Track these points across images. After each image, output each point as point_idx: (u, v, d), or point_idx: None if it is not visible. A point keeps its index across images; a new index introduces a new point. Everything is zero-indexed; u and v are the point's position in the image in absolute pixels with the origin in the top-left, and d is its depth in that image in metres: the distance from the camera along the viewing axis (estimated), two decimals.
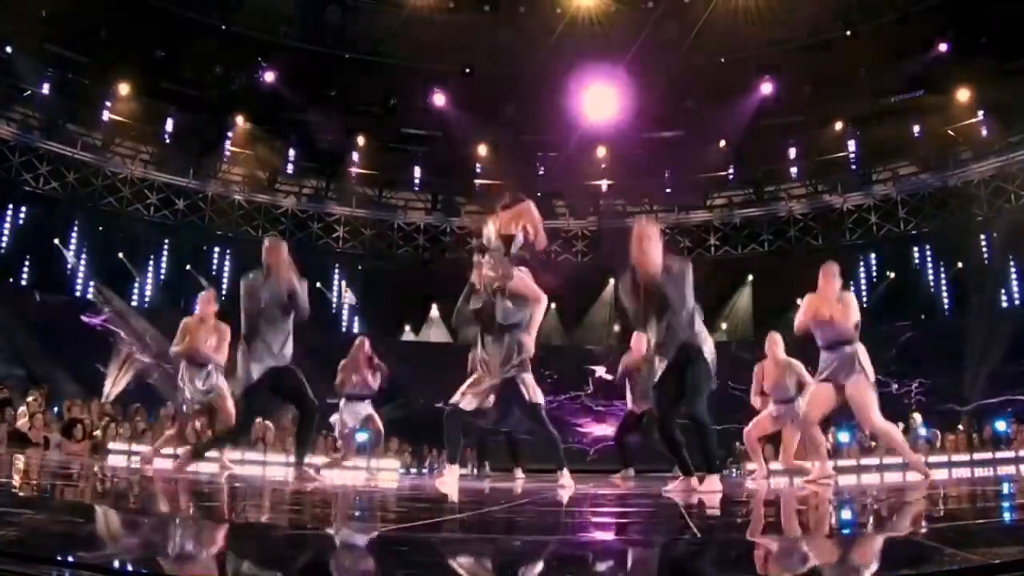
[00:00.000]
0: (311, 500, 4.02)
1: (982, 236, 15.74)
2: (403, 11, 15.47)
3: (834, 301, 5.62)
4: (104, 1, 14.32)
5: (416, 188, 18.33)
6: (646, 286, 4.82)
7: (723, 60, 15.58)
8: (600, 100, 16.24)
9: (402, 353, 14.46)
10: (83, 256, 16.05)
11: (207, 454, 6.75)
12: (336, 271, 18.32)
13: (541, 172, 18.07)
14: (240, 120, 16.38)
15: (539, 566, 1.95)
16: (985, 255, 15.79)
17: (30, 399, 11.70)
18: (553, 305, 14.63)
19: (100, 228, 16.12)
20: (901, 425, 14.14)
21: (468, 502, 4.22)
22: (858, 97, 15.75)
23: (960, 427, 13.46)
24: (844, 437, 13.40)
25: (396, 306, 17.74)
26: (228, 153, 16.99)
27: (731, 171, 17.61)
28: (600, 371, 16.53)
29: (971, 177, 15.44)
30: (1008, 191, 14.98)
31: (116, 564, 1.66)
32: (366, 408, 8.90)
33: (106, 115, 15.78)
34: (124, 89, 15.46)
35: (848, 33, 15.03)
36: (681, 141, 17.22)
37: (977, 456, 12.27)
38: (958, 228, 15.62)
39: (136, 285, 16.45)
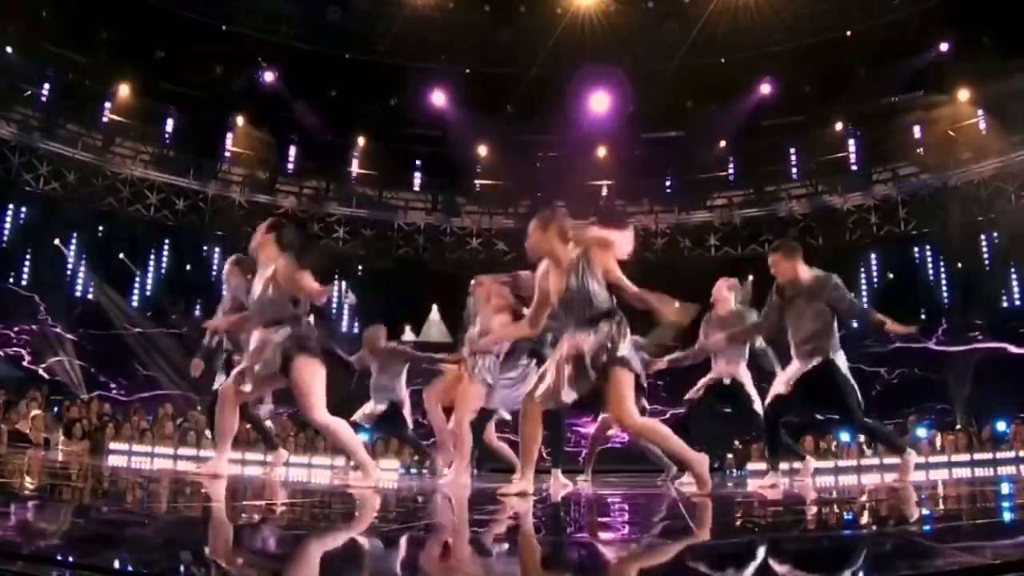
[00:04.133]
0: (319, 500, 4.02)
1: (982, 236, 15.75)
2: (403, 11, 15.46)
3: None
4: (104, 1, 14.31)
5: (416, 188, 18.33)
6: None
7: (723, 60, 15.58)
8: (600, 100, 16.27)
9: None
10: (83, 256, 16.04)
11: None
12: (336, 271, 18.30)
13: (541, 172, 18.07)
14: (240, 120, 16.37)
15: (538, 565, 1.95)
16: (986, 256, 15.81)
17: (30, 399, 11.71)
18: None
19: (100, 228, 16.13)
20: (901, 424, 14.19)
21: (468, 502, 4.22)
22: (858, 97, 15.74)
23: (958, 426, 13.45)
24: (844, 437, 13.41)
25: (396, 306, 17.73)
26: (228, 153, 16.98)
27: (731, 171, 17.60)
28: None
29: (971, 177, 15.43)
30: (1008, 191, 14.98)
31: (116, 564, 1.66)
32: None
33: (106, 115, 15.77)
34: (124, 89, 15.46)
35: (848, 33, 15.02)
36: (681, 141, 17.21)
37: (977, 456, 12.27)
38: (959, 228, 15.60)
39: (136, 285, 16.45)
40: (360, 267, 18.16)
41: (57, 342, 14.42)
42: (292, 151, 17.53)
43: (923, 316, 16.18)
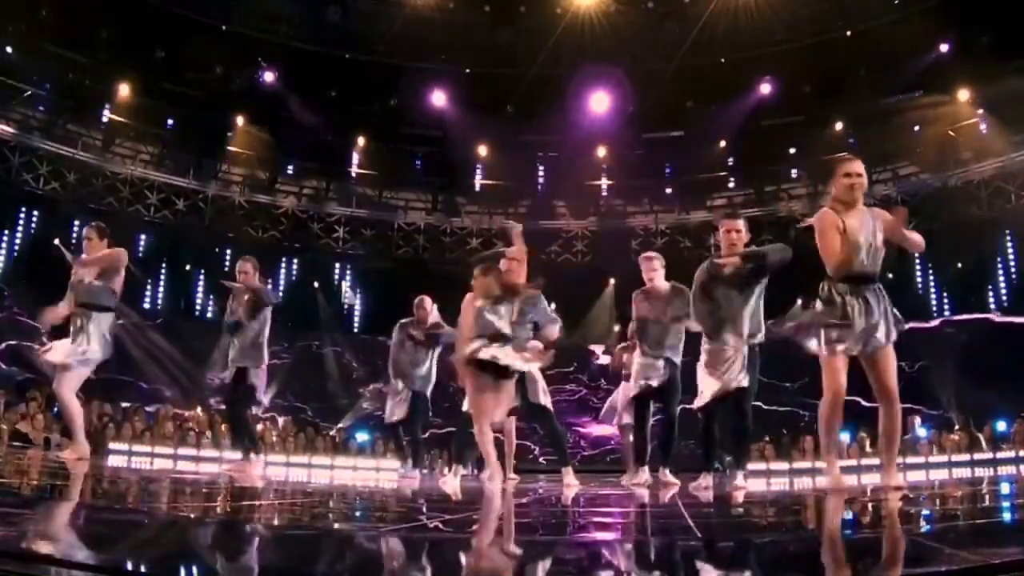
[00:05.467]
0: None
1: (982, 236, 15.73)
2: (403, 11, 15.45)
3: None
4: (104, 1, 14.30)
5: (417, 188, 18.32)
6: None
7: (723, 60, 15.57)
8: (600, 100, 16.28)
9: None
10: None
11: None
12: (336, 271, 18.31)
13: (541, 172, 18.06)
14: (240, 120, 16.36)
15: (540, 565, 1.95)
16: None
17: (30, 399, 11.71)
18: (553, 305, 14.57)
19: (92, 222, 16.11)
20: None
21: (469, 502, 4.22)
22: (858, 97, 15.73)
23: (957, 427, 13.43)
24: (844, 437, 13.41)
25: (396, 306, 17.72)
26: (228, 153, 16.97)
27: (731, 171, 17.59)
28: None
29: (971, 177, 15.42)
30: (1008, 191, 14.97)
31: (116, 564, 1.66)
32: None
33: (106, 115, 15.76)
34: (124, 89, 15.43)
35: (848, 33, 15.01)
36: (681, 141, 17.20)
37: (977, 456, 12.27)
38: (958, 228, 15.58)
39: (135, 285, 16.44)
40: (360, 267, 18.17)
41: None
42: (292, 151, 17.51)
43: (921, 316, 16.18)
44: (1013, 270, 15.60)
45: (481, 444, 5.38)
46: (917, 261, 16.61)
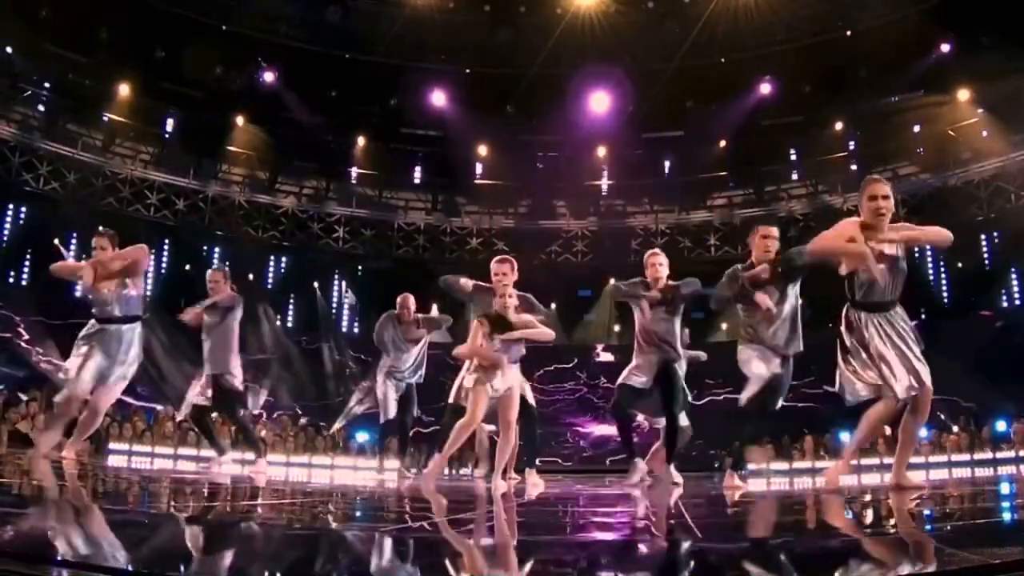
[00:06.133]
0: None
1: (982, 236, 15.74)
2: (403, 11, 15.46)
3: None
4: (104, 1, 14.31)
5: (417, 188, 18.32)
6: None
7: (723, 60, 15.57)
8: (600, 100, 16.28)
9: None
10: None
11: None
12: (336, 271, 18.30)
13: (541, 172, 18.07)
14: (240, 120, 16.36)
15: (541, 566, 1.95)
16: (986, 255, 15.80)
17: (30, 400, 11.70)
18: (553, 305, 14.59)
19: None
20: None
21: (465, 501, 4.22)
22: (858, 97, 15.74)
23: (956, 428, 13.41)
24: (844, 437, 13.40)
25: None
26: (228, 153, 16.97)
27: (731, 171, 17.60)
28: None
29: (971, 177, 15.42)
30: (1008, 191, 14.97)
31: (116, 564, 1.66)
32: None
33: (106, 115, 15.77)
34: (124, 89, 15.44)
35: (848, 33, 15.02)
36: (681, 141, 17.21)
37: (977, 456, 12.27)
38: (958, 228, 15.58)
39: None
40: (360, 267, 18.16)
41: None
42: (292, 151, 17.52)
43: (923, 315, 16.19)
44: (1013, 270, 15.61)
45: (462, 438, 5.63)
46: (917, 261, 16.62)
